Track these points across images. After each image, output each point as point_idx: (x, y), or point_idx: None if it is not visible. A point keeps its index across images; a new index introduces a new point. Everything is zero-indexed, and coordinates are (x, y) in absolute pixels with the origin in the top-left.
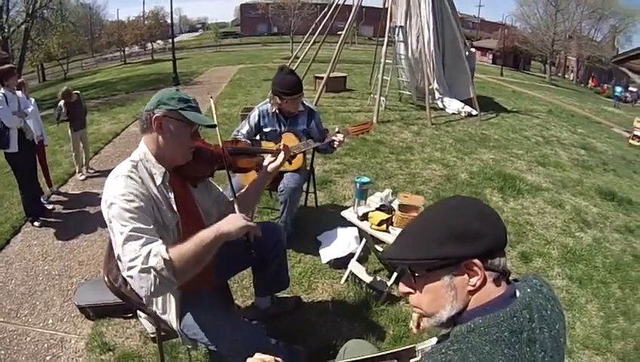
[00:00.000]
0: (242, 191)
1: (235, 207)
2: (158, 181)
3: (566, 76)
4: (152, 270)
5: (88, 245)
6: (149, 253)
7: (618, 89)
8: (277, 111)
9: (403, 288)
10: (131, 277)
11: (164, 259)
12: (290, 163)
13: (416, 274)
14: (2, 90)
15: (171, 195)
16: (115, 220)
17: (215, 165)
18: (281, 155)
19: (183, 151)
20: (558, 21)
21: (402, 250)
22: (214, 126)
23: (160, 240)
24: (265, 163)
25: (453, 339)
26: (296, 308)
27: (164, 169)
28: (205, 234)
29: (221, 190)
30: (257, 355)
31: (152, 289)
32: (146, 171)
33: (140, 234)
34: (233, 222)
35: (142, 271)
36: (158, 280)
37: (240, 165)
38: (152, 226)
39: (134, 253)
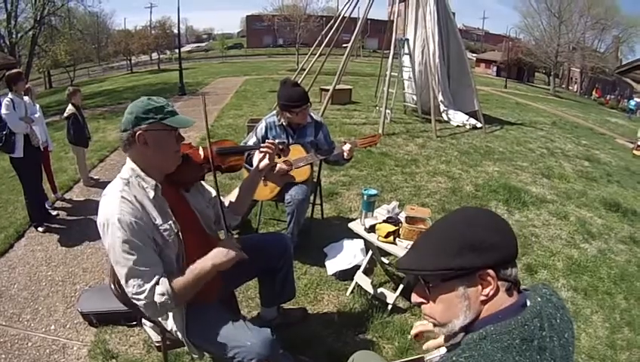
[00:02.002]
0: (235, 192)
1: (222, 222)
2: (151, 195)
3: (570, 88)
4: (157, 304)
5: (92, 252)
6: (154, 290)
7: (632, 102)
8: (284, 123)
9: (415, 298)
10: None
11: (169, 296)
12: (280, 157)
13: (430, 285)
14: (10, 95)
15: (167, 206)
16: (114, 249)
17: (204, 168)
18: (272, 151)
19: (171, 157)
20: (562, 32)
21: (418, 260)
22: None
23: (160, 271)
24: (255, 161)
25: (465, 347)
26: (302, 319)
27: (154, 181)
28: (202, 268)
29: (214, 193)
30: None
31: (157, 315)
32: (138, 186)
33: (141, 269)
34: (225, 255)
35: (147, 304)
36: (162, 309)
37: (230, 164)
38: (149, 253)
39: (138, 287)
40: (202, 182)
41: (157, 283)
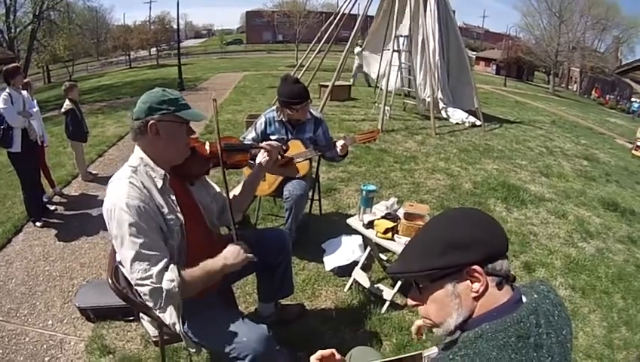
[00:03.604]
0: (238, 188)
1: (228, 207)
2: (159, 184)
3: (569, 87)
4: (163, 290)
5: (90, 247)
6: (162, 275)
7: (635, 105)
8: (284, 119)
9: (411, 302)
10: (140, 290)
11: (177, 283)
12: (282, 157)
13: (421, 286)
14: (8, 90)
15: (173, 197)
16: (120, 233)
17: (211, 162)
18: (274, 150)
19: (181, 149)
20: (562, 32)
21: (405, 264)
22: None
23: (168, 257)
24: (258, 159)
25: (461, 345)
26: (299, 314)
27: (163, 171)
28: (212, 266)
29: (218, 188)
30: (319, 352)
31: (162, 305)
32: (146, 175)
33: (148, 253)
34: (236, 258)
35: (153, 290)
36: (167, 299)
37: (235, 160)
38: (157, 238)
39: (144, 272)
40: (206, 176)
41: (166, 268)
